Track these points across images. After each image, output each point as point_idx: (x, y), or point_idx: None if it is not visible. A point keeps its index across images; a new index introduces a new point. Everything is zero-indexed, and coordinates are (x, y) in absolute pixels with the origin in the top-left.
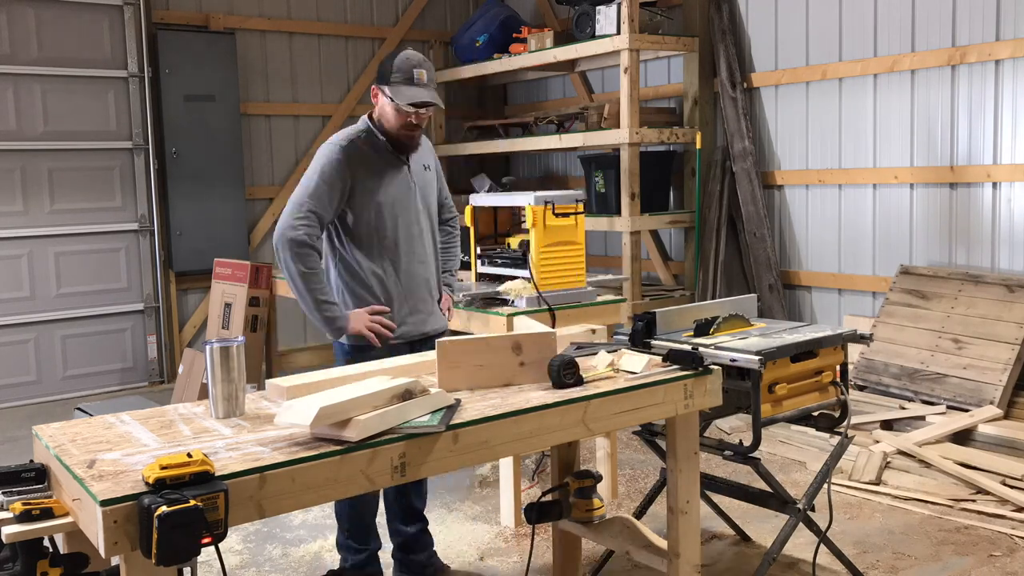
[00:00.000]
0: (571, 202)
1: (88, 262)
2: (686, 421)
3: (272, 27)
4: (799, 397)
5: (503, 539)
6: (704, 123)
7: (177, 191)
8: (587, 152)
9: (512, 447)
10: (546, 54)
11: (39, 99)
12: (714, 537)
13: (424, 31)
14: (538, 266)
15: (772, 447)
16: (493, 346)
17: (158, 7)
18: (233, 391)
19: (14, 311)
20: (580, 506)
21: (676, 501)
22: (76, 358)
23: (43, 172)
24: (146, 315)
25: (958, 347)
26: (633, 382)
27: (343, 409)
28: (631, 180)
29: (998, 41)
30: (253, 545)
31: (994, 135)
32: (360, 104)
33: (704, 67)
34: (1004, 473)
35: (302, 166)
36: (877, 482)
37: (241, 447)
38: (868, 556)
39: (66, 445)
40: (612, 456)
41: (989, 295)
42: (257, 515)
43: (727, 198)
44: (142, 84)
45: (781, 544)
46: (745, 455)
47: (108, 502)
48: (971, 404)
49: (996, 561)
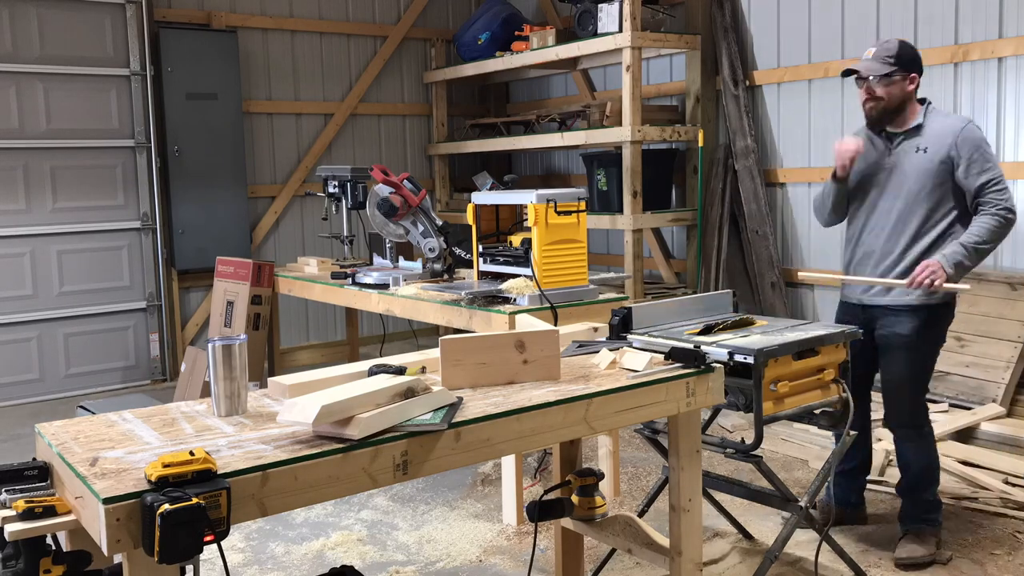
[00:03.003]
0: (573, 200)
1: (90, 260)
2: (688, 419)
3: (274, 25)
4: (801, 395)
5: (505, 537)
6: (706, 121)
7: (179, 189)
8: (589, 150)
9: (514, 445)
10: (548, 52)
11: (41, 97)
12: (716, 535)
13: (426, 29)
14: (540, 264)
15: (774, 445)
16: (495, 344)
17: (160, 5)
18: (235, 389)
19: (17, 309)
20: (582, 504)
21: (678, 499)
22: (78, 356)
23: (45, 170)
24: (148, 313)
25: (961, 345)
26: (635, 380)
27: (345, 407)
28: (633, 178)
29: (1001, 39)
30: (255, 543)
31: (996, 133)
32: (362, 102)
33: (706, 65)
34: (1006, 471)
35: (304, 164)
36: (879, 480)
37: (243, 445)
38: (870, 554)
39: (68, 443)
40: (614, 454)
41: (992, 293)
42: (259, 513)
43: (729, 196)
44: (144, 82)
45: (783, 542)
46: (747, 453)
47: (111, 500)
48: (974, 402)
49: (998, 559)
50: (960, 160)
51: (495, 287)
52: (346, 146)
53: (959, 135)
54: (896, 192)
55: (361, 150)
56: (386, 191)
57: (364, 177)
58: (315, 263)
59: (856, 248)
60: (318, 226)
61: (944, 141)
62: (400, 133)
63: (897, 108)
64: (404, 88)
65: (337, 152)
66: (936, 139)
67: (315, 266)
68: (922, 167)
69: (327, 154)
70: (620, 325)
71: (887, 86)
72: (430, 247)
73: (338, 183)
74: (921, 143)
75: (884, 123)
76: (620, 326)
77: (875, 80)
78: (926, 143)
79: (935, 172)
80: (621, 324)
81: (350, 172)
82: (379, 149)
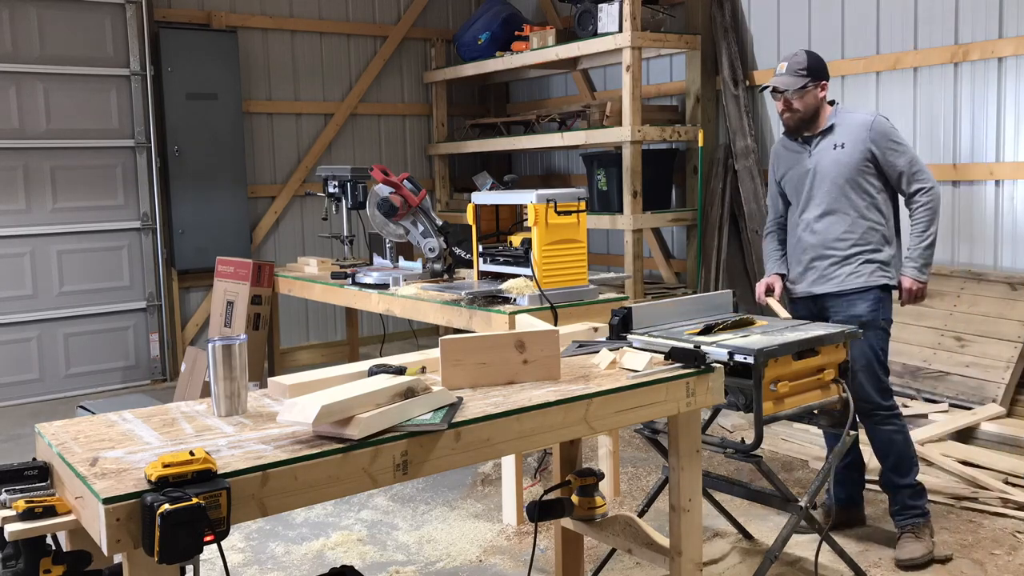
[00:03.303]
0: (573, 200)
1: (90, 260)
2: (688, 419)
3: (274, 25)
4: (801, 395)
5: (505, 537)
6: (706, 121)
7: (179, 189)
8: (589, 150)
9: (514, 445)
10: (548, 52)
11: (41, 97)
12: (716, 535)
13: (426, 29)
14: (540, 264)
15: (774, 445)
16: (495, 344)
17: (160, 5)
18: (235, 389)
19: (17, 309)
20: (582, 504)
21: (678, 499)
22: (78, 356)
23: (45, 170)
24: (148, 313)
25: (961, 345)
26: (635, 380)
27: (345, 407)
28: (633, 178)
29: (1001, 39)
30: (255, 543)
31: (997, 133)
32: (362, 102)
33: (706, 65)
34: (1006, 471)
35: (304, 164)
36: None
37: (243, 445)
38: (870, 554)
39: (68, 443)
40: (614, 454)
41: (992, 293)
42: (259, 513)
43: (729, 196)
44: (144, 82)
45: (783, 542)
46: (747, 453)
47: (111, 500)
48: (974, 402)
49: (998, 559)
50: (877, 149)
51: (495, 287)
52: (346, 146)
53: (871, 128)
54: (822, 188)
55: (361, 150)
56: (386, 191)
57: (364, 177)
58: (315, 263)
59: (796, 245)
60: (318, 226)
61: (859, 135)
62: (400, 133)
63: (813, 115)
64: (404, 88)
65: (337, 152)
66: (851, 134)
67: (315, 266)
68: (842, 161)
69: (327, 154)
70: (620, 325)
71: (802, 97)
72: (430, 247)
73: (338, 183)
74: (837, 140)
75: (802, 130)
76: (620, 326)
77: (791, 93)
78: (842, 139)
79: (855, 164)
80: (621, 324)
81: (350, 172)
82: (379, 149)
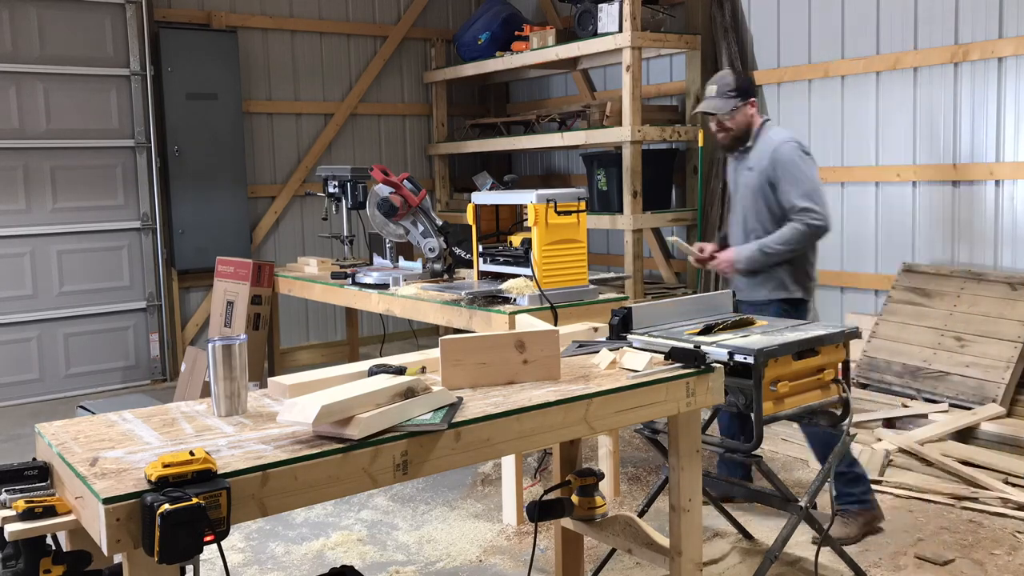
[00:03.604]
0: (573, 200)
1: (90, 260)
2: (688, 419)
3: (274, 25)
4: (801, 395)
5: (505, 537)
6: (706, 121)
7: (179, 189)
8: (589, 150)
9: (514, 445)
10: (548, 52)
11: (41, 97)
12: (716, 535)
13: (426, 29)
14: (540, 264)
15: (774, 445)
16: (495, 344)
17: (160, 5)
18: (235, 389)
19: (17, 309)
20: (582, 504)
21: (678, 499)
22: (78, 356)
23: (45, 170)
24: (148, 313)
25: (961, 345)
26: (635, 380)
27: (345, 407)
28: (633, 178)
29: (1001, 39)
30: (255, 543)
31: (997, 133)
32: (362, 102)
33: (706, 65)
34: (1006, 471)
35: (304, 164)
36: (879, 480)
37: (243, 445)
38: (870, 554)
39: (68, 443)
40: (614, 454)
41: (992, 293)
42: (259, 513)
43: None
44: (144, 82)
45: (783, 542)
46: (747, 453)
47: (111, 500)
48: (973, 402)
49: (998, 559)
50: (774, 178)
51: (495, 287)
52: (346, 146)
53: (772, 156)
54: (741, 204)
55: (361, 150)
56: (386, 191)
57: (364, 177)
58: (315, 263)
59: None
60: (318, 226)
61: (762, 163)
62: (400, 133)
63: (745, 132)
64: (404, 88)
65: (337, 152)
66: (758, 159)
67: (315, 266)
68: (751, 184)
69: (327, 154)
70: (620, 325)
71: (734, 117)
72: (430, 247)
73: (338, 183)
74: (749, 163)
75: (736, 147)
76: (620, 326)
77: (723, 114)
78: (752, 163)
79: (760, 188)
80: (621, 324)
81: (350, 172)
82: (379, 149)
